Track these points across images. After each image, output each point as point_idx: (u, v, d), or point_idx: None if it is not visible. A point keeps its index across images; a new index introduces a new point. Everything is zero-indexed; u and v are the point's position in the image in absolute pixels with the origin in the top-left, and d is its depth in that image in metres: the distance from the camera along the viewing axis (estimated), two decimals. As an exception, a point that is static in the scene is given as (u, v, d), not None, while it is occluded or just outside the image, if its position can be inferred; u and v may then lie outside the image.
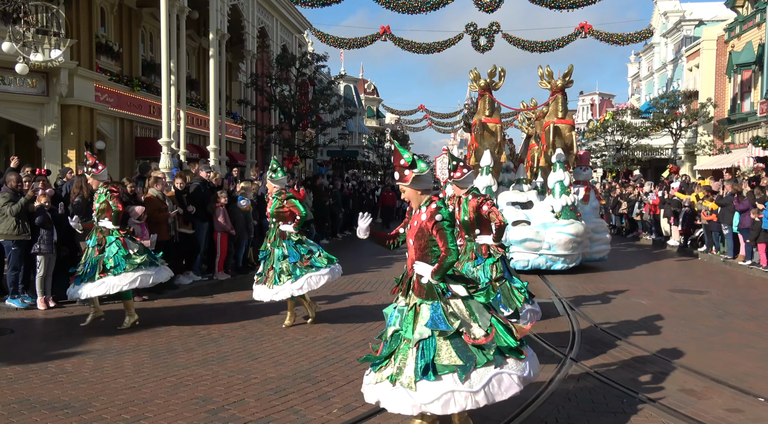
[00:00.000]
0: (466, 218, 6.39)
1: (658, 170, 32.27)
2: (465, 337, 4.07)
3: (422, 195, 4.36)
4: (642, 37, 34.01)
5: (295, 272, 7.75)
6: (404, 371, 4.06)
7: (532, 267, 12.91)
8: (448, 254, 4.19)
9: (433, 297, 4.23)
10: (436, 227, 4.22)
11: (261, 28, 25.41)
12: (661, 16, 39.02)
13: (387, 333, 4.39)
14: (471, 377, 3.96)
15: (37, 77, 14.19)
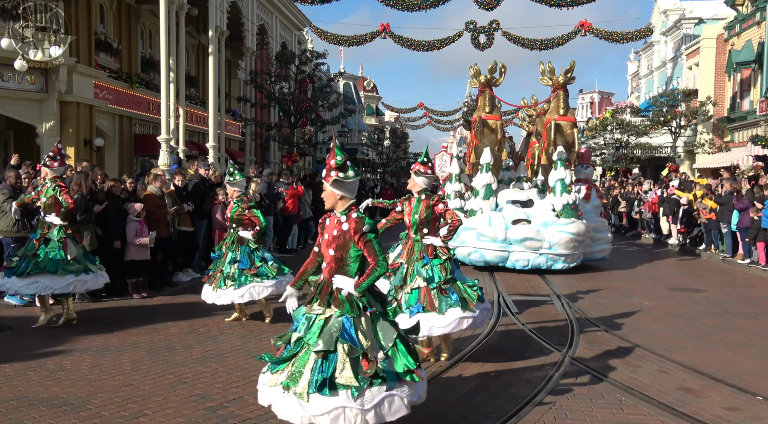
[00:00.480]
0: (417, 217, 6.32)
1: (658, 169, 32.27)
2: (363, 361, 4.02)
3: (341, 201, 4.24)
4: (642, 36, 34.03)
5: (240, 278, 7.72)
6: (300, 380, 4.01)
7: (533, 267, 12.77)
8: (377, 266, 4.10)
9: (351, 311, 4.15)
10: (363, 240, 4.12)
11: (260, 26, 25.37)
12: (660, 15, 38.98)
13: (291, 337, 4.29)
14: (365, 394, 3.94)
15: (36, 74, 14.16)
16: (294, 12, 29.21)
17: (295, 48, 29.64)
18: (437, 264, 6.16)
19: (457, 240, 13.39)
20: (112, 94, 17.13)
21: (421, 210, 6.29)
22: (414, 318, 5.79)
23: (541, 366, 6.39)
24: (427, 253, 6.25)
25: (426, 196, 6.32)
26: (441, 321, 5.93)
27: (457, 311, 5.96)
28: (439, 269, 6.14)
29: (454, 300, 6.01)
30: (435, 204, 6.28)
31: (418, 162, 6.51)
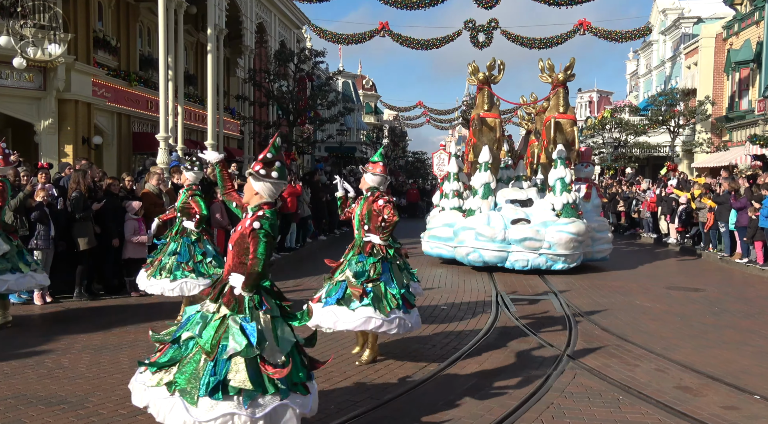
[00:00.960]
0: (359, 213, 6.34)
1: (656, 168, 32.29)
2: (261, 363, 3.85)
3: (255, 196, 4.12)
4: (640, 35, 34.04)
5: (176, 272, 7.59)
6: (189, 382, 3.80)
7: (532, 267, 12.60)
8: (253, 264, 3.94)
9: (241, 311, 3.97)
10: (252, 234, 3.98)
11: (259, 24, 25.35)
12: (659, 14, 38.98)
13: (180, 335, 4.06)
14: (257, 402, 3.76)
15: (34, 72, 14.14)
16: (293, 10, 29.19)
17: (294, 46, 29.62)
18: (370, 262, 6.09)
19: (455, 240, 13.32)
20: (111, 92, 17.10)
21: (364, 207, 6.30)
22: (324, 311, 5.91)
23: (538, 365, 6.39)
24: (364, 250, 6.20)
25: (372, 194, 6.30)
26: (348, 316, 5.87)
27: (367, 311, 5.87)
28: (369, 266, 6.07)
29: (369, 300, 5.91)
30: (374, 201, 6.23)
31: (369, 161, 6.54)
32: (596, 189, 15.26)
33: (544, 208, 13.17)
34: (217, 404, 3.70)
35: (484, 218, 12.99)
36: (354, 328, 5.96)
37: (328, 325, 5.92)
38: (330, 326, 5.93)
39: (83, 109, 15.37)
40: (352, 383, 5.75)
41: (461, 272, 12.84)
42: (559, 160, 13.47)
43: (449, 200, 14.35)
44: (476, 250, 12.81)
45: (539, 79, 14.60)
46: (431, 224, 14.59)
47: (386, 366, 6.28)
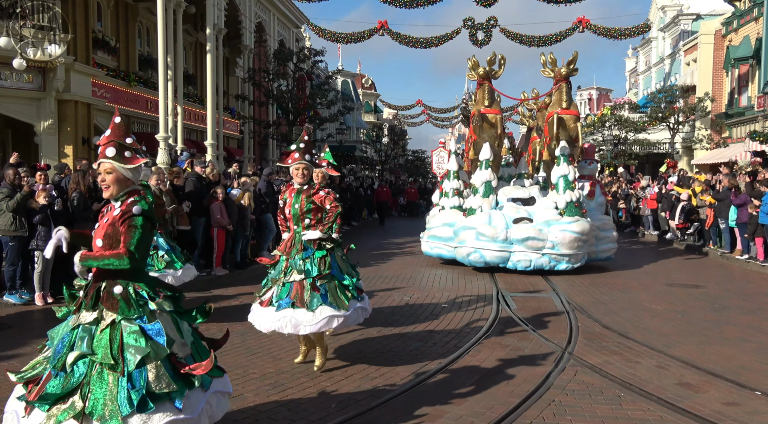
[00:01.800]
0: (297, 208, 5.96)
1: (656, 165, 32.30)
2: (174, 360, 3.55)
3: (123, 183, 3.64)
4: (639, 32, 34.03)
5: None
6: (106, 405, 3.29)
7: (535, 267, 12.24)
8: (123, 255, 3.47)
9: (130, 311, 3.53)
10: (127, 222, 3.51)
11: (258, 23, 25.34)
12: (658, 11, 38.97)
13: (64, 360, 3.41)
14: (190, 400, 3.49)
15: (33, 72, 14.14)
16: (292, 9, 29.17)
17: (293, 45, 29.61)
18: (318, 256, 5.80)
19: (456, 240, 12.98)
20: (110, 92, 17.11)
21: (302, 200, 5.95)
22: (280, 316, 5.62)
23: (540, 362, 6.40)
24: (311, 244, 5.88)
25: (308, 187, 5.99)
26: (309, 319, 5.60)
27: (327, 309, 5.65)
28: (318, 262, 5.79)
29: (324, 297, 5.69)
30: (315, 193, 5.95)
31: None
32: (600, 187, 14.94)
33: (547, 207, 12.85)
34: (150, 417, 3.32)
35: (485, 217, 12.68)
36: (318, 329, 5.69)
37: (288, 330, 5.64)
38: (290, 331, 5.65)
39: (83, 110, 15.37)
40: (352, 382, 5.76)
41: (462, 272, 12.68)
42: (562, 157, 13.17)
43: (449, 199, 14.11)
44: (477, 250, 12.48)
45: (541, 73, 14.22)
46: (431, 223, 14.30)
47: (388, 364, 6.29)
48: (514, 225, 12.42)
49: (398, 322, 8.21)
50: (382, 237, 20.29)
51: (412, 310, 8.99)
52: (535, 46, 31.95)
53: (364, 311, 6.08)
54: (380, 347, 6.94)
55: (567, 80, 13.76)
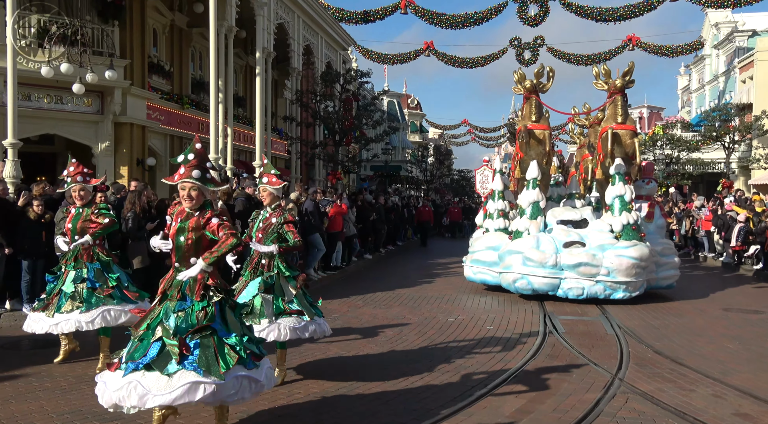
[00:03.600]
0: (183, 239, 4.59)
1: (711, 185, 31.36)
2: None
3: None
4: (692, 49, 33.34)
5: (90, 300, 6.49)
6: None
7: (588, 296, 11.28)
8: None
9: None
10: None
11: (306, 46, 25.85)
12: (712, 27, 38.09)
13: None
14: None
15: (92, 96, 14.74)
16: (339, 32, 29.67)
17: (340, 67, 30.06)
18: (199, 308, 4.45)
19: (501, 265, 12.19)
20: (164, 114, 17.68)
21: (189, 229, 4.56)
22: (125, 380, 4.24)
23: (588, 388, 6.24)
24: (195, 289, 4.49)
25: (200, 213, 4.58)
26: (163, 386, 4.21)
27: (190, 375, 4.24)
28: (196, 315, 4.43)
29: (193, 359, 4.30)
30: (207, 222, 4.54)
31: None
32: (659, 208, 13.87)
33: (601, 230, 11.96)
34: None
35: (533, 241, 11.80)
36: (171, 401, 4.22)
37: (132, 403, 4.21)
38: (134, 403, 4.21)
39: (138, 132, 15.91)
40: (398, 403, 5.72)
41: (508, 299, 11.83)
42: (618, 175, 12.21)
43: (494, 221, 13.44)
44: (524, 276, 11.60)
45: (594, 86, 13.10)
46: (474, 246, 13.53)
47: (429, 388, 6.23)
48: (565, 249, 11.59)
49: (442, 344, 8.14)
50: (426, 257, 20.22)
51: (456, 332, 8.90)
52: (583, 64, 31.70)
53: (257, 383, 4.58)
54: (423, 368, 6.88)
55: (622, 93, 12.67)
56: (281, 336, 5.95)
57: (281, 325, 5.96)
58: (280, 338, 5.95)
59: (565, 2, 28.11)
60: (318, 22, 26.63)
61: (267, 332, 5.90)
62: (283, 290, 6.15)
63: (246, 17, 18.47)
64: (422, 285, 13.63)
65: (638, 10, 27.42)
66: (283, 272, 6.20)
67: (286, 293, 6.15)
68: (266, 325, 5.92)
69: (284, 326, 5.97)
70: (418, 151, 54.53)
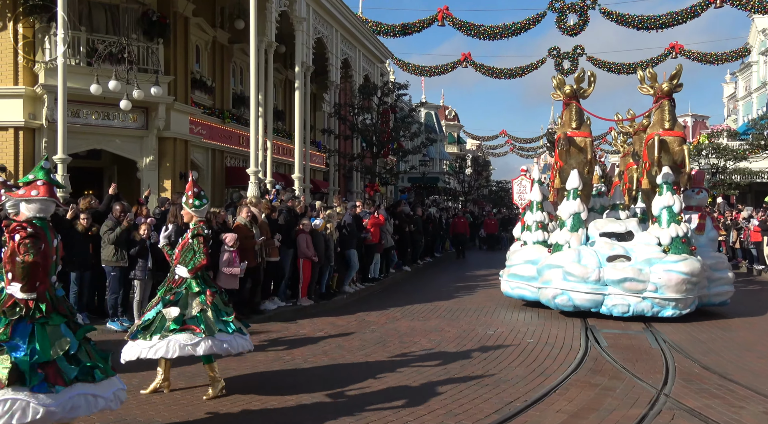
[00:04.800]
0: None
1: (759, 195, 30.37)
2: None
3: None
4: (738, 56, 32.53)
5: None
6: None
7: (635, 313, 10.60)
8: None
9: None
10: None
11: (344, 59, 26.10)
12: (759, 34, 37.09)
13: None
14: None
15: (137, 112, 15.15)
16: (377, 45, 29.88)
17: (378, 80, 30.25)
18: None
19: (540, 280, 11.66)
20: (206, 129, 18.05)
21: None
22: None
23: (632, 404, 6.09)
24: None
25: None
26: None
27: None
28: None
29: None
30: (10, 238, 4.37)
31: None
32: (711, 219, 13.09)
33: (648, 243, 11.18)
34: None
35: (574, 254, 11.20)
36: None
37: None
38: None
39: (181, 146, 16.27)
40: (436, 417, 5.67)
41: (548, 313, 11.41)
42: (666, 185, 11.46)
43: (532, 233, 12.88)
44: (565, 292, 10.98)
45: (639, 91, 12.39)
46: (511, 260, 13.00)
47: (470, 400, 6.17)
48: (609, 263, 10.92)
49: (481, 356, 8.06)
50: (463, 269, 20.08)
51: (495, 344, 8.80)
52: (624, 73, 31.21)
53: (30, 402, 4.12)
54: (461, 381, 6.82)
55: (670, 97, 11.86)
56: (169, 353, 5.87)
57: (171, 341, 5.88)
58: (167, 354, 5.89)
59: (606, 11, 27.76)
60: (356, 35, 26.88)
61: (155, 348, 5.88)
62: (187, 305, 6.08)
63: (285, 32, 18.77)
64: (460, 297, 13.53)
65: (681, 18, 26.89)
66: (192, 289, 6.15)
67: (189, 308, 6.06)
68: (156, 341, 5.89)
69: (174, 343, 5.88)
70: (455, 162, 54.32)
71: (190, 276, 6.17)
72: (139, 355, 5.94)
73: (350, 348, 8.48)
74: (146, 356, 5.93)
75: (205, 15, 18.61)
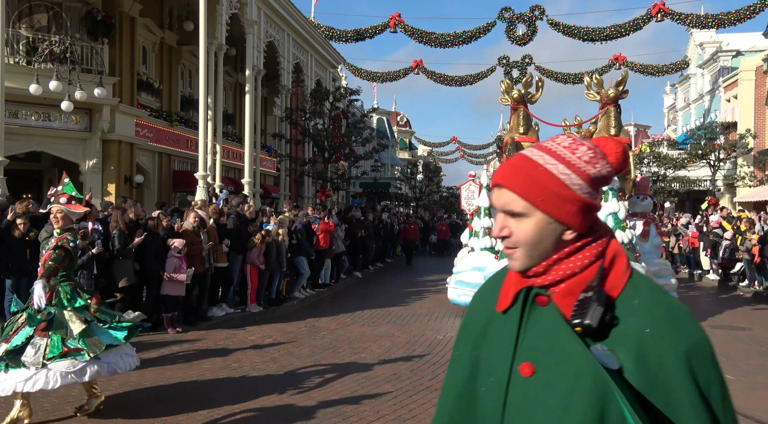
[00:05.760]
0: None
1: (696, 202, 31.62)
2: None
3: None
4: (678, 69, 33.84)
5: None
6: None
7: None
8: None
9: None
10: None
11: (296, 64, 25.96)
12: (697, 47, 38.67)
13: None
14: None
15: (80, 114, 14.70)
16: (329, 50, 29.84)
17: (330, 85, 30.20)
18: None
19: None
20: (153, 132, 17.65)
21: None
22: None
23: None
24: None
25: None
26: None
27: None
28: None
29: None
30: None
31: None
32: (656, 226, 13.16)
33: None
34: None
35: None
36: None
37: None
38: None
39: (126, 149, 15.87)
40: (387, 422, 5.69)
41: None
42: (611, 191, 11.27)
43: (480, 240, 12.67)
44: None
45: (585, 97, 12.41)
46: (458, 266, 12.79)
47: (419, 406, 6.19)
48: None
49: (431, 361, 8.12)
50: (415, 275, 20.19)
51: (444, 349, 8.88)
52: (570, 83, 32.10)
53: None
54: (411, 387, 6.85)
55: (615, 103, 11.84)
56: (50, 384, 5.09)
57: (51, 371, 5.11)
58: (48, 386, 5.10)
59: (553, 22, 28.47)
60: (308, 40, 26.78)
61: (33, 381, 5.07)
62: (64, 326, 5.31)
63: (236, 35, 18.56)
64: (411, 302, 13.60)
65: (624, 30, 27.82)
66: (65, 305, 5.41)
67: (69, 329, 5.31)
68: (33, 372, 5.09)
69: (54, 373, 5.12)
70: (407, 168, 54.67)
71: (46, 296, 5.31)
72: (15, 388, 5.09)
73: (300, 355, 8.41)
74: (23, 389, 5.11)
75: (153, 16, 18.24)
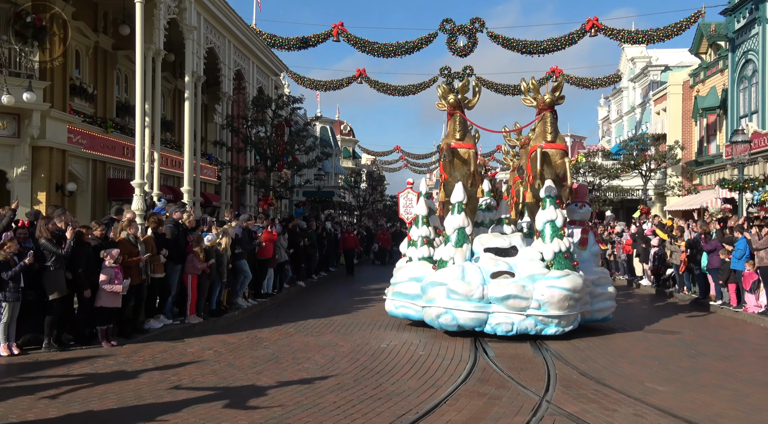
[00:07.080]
0: None
1: (630, 211, 32.80)
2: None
3: None
4: (611, 82, 35.17)
5: None
6: None
7: (519, 332, 10.17)
8: None
9: None
10: None
11: (237, 71, 25.61)
12: (628, 62, 40.24)
13: None
14: None
15: (8, 119, 14.04)
16: (271, 58, 29.58)
17: (272, 92, 29.92)
18: None
19: (424, 298, 11.00)
20: (87, 138, 17.01)
21: None
22: None
23: (518, 411, 6.33)
24: None
25: None
26: None
27: None
28: None
29: None
30: None
31: None
32: (594, 234, 12.97)
33: (531, 258, 10.86)
34: None
35: (458, 271, 10.57)
36: None
37: None
38: None
39: (58, 156, 15.23)
40: (328, 434, 5.63)
41: (435, 336, 10.65)
42: (548, 199, 11.11)
43: (417, 249, 12.18)
44: (448, 311, 10.35)
45: (522, 102, 12.02)
46: (396, 277, 12.23)
47: (363, 415, 6.16)
48: (492, 280, 10.39)
49: (374, 370, 8.09)
50: (358, 283, 20.15)
51: (388, 358, 8.87)
52: (510, 94, 32.84)
53: None
54: (354, 396, 6.81)
55: (552, 109, 11.55)
56: None
57: None
58: None
59: (493, 34, 29.10)
60: (249, 47, 26.46)
61: None
62: None
63: (175, 41, 18.14)
64: (354, 312, 13.55)
65: (561, 44, 28.70)
66: None
67: None
68: None
69: None
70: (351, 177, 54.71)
71: None
72: None
73: (241, 366, 8.24)
74: None
75: (86, 19, 17.63)
